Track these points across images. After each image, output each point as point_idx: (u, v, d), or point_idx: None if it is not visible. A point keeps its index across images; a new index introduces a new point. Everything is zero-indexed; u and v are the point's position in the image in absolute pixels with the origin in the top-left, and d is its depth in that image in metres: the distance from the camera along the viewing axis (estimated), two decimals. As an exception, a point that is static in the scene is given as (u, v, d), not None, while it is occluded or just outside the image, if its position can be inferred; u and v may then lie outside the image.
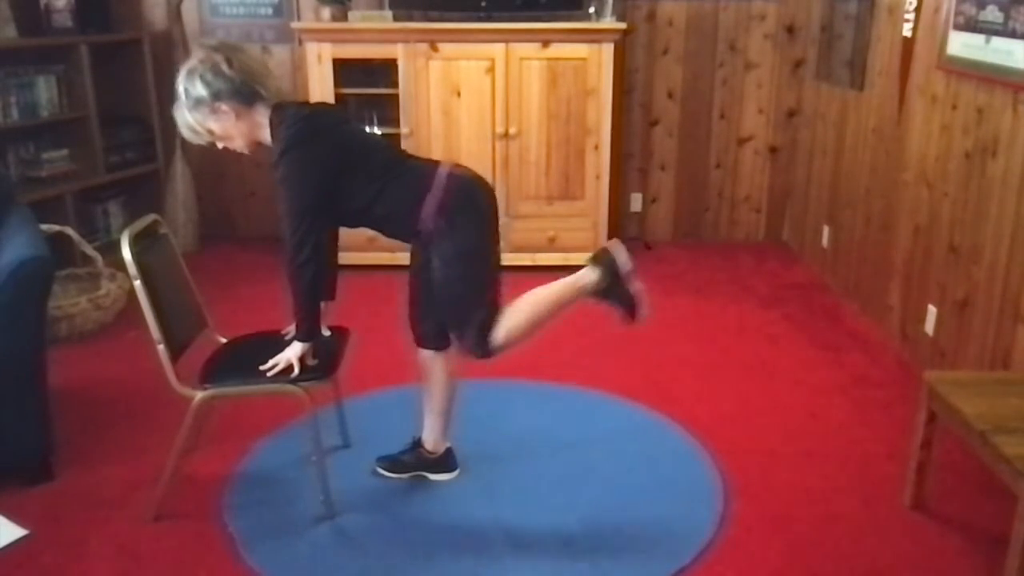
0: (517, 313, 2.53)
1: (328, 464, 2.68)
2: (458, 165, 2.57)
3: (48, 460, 2.84)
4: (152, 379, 2.79)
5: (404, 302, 2.70)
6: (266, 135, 2.47)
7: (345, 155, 2.44)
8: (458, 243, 2.45)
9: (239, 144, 2.51)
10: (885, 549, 2.52)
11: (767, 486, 2.82)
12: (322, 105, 2.55)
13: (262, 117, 2.45)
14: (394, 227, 2.55)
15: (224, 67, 2.39)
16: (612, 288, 2.58)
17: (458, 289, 2.48)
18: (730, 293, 4.62)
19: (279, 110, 2.45)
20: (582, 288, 2.58)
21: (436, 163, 2.55)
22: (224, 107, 2.41)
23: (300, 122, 2.41)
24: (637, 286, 2.61)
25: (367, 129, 4.76)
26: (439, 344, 2.68)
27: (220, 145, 2.53)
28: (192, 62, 2.42)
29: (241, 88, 2.41)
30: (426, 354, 2.72)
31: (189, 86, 2.41)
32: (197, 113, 2.43)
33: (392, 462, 2.84)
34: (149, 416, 3.23)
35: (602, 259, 2.59)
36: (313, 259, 2.41)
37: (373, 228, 2.57)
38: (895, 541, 2.55)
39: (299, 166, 2.38)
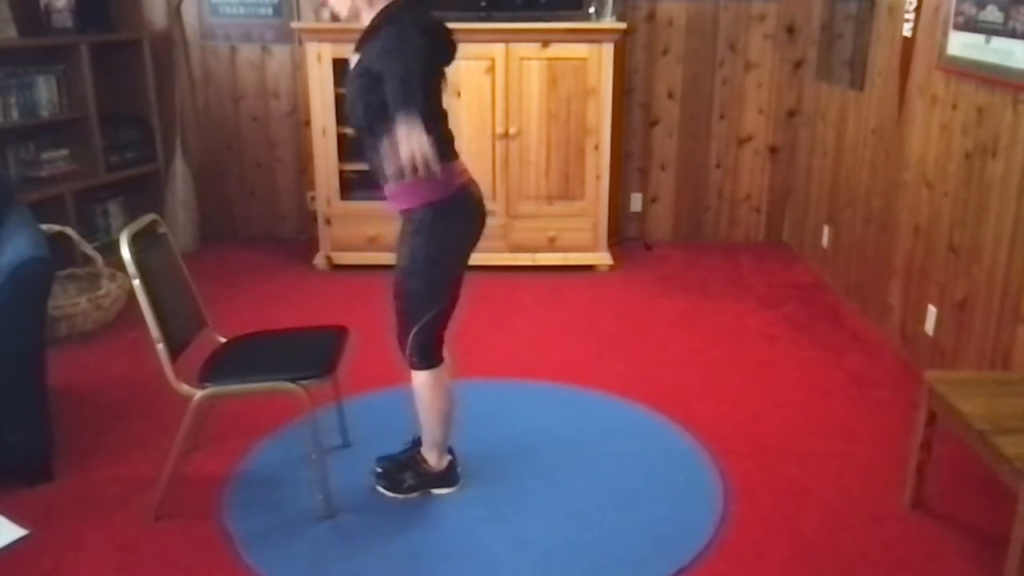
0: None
1: (328, 464, 2.68)
2: (474, 181, 2.58)
3: (48, 460, 2.84)
4: (152, 379, 2.79)
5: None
6: (369, 12, 2.41)
7: (427, 73, 2.35)
8: (431, 246, 2.47)
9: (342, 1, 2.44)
10: (885, 549, 2.52)
11: (767, 486, 2.82)
12: (440, 21, 2.49)
13: None
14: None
15: None
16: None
17: (414, 286, 2.51)
18: (730, 293, 4.62)
19: (397, 3, 2.40)
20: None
21: (458, 161, 2.54)
22: None
23: (416, 19, 2.35)
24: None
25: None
26: None
27: None
28: None
29: None
30: None
31: None
32: None
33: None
34: (149, 416, 3.23)
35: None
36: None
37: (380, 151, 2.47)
38: (895, 541, 2.55)
39: (405, 39, 2.28)
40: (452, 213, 2.49)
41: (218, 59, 5.25)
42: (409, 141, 2.15)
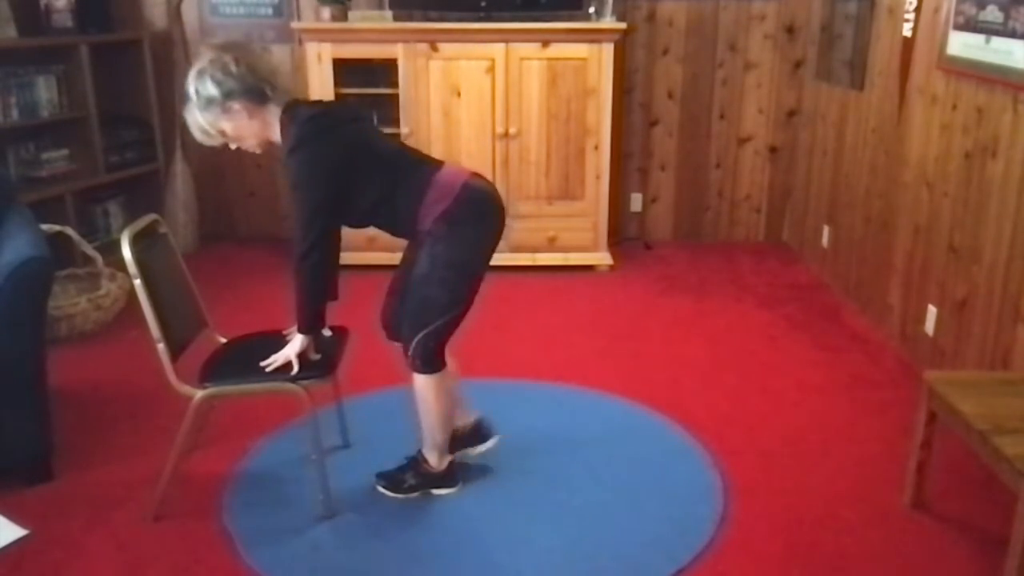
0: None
1: (328, 464, 2.68)
2: (476, 175, 2.57)
3: (48, 460, 2.84)
4: (152, 379, 2.79)
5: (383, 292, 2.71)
6: (277, 134, 2.47)
7: (353, 155, 2.44)
8: (452, 251, 2.47)
9: (251, 144, 2.51)
10: (885, 549, 2.52)
11: (767, 486, 2.82)
12: (332, 104, 2.56)
13: (273, 116, 2.46)
14: (398, 228, 2.57)
15: (233, 67, 2.39)
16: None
17: (433, 292, 2.49)
18: (730, 293, 4.62)
19: (289, 110, 2.46)
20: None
21: (443, 165, 2.56)
22: (236, 106, 2.41)
23: (308, 122, 2.41)
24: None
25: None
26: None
27: (233, 146, 2.52)
28: (201, 63, 2.42)
29: (252, 87, 2.41)
30: None
31: (200, 87, 2.40)
32: (208, 114, 2.42)
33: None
34: (149, 416, 3.23)
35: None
36: (322, 259, 2.44)
37: (379, 228, 2.58)
38: (895, 541, 2.55)
39: (307, 166, 2.39)
40: (467, 216, 2.48)
41: (218, 59, 5.24)
42: (289, 351, 2.53)
